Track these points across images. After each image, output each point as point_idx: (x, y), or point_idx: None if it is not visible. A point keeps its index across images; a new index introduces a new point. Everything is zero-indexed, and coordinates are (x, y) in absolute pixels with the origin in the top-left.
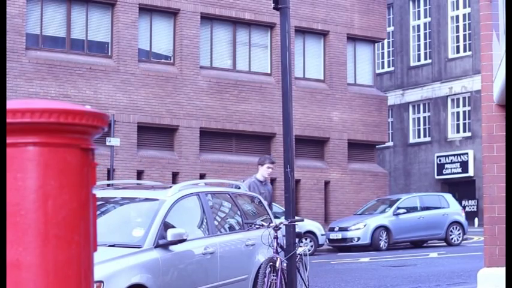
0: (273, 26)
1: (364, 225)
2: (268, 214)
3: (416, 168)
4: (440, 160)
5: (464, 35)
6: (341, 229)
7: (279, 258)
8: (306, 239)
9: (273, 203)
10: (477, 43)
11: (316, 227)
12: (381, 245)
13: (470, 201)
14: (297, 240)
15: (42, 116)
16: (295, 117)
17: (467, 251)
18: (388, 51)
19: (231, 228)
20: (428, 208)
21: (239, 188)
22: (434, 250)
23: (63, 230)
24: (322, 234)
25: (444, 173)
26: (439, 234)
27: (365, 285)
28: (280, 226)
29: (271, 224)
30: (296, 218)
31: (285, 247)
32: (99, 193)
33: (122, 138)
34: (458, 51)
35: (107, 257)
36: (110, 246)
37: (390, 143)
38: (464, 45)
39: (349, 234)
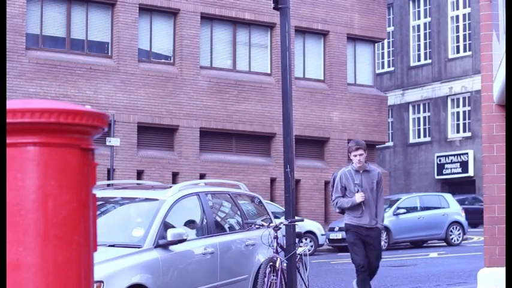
0: (273, 26)
1: None
2: (268, 214)
3: (416, 168)
4: (440, 160)
5: (464, 35)
6: (341, 229)
7: (279, 258)
8: (306, 239)
9: (383, 192)
10: (477, 43)
11: (316, 227)
12: (381, 245)
13: None
14: (297, 240)
15: (42, 116)
16: (295, 117)
17: (467, 251)
18: (388, 51)
19: (231, 228)
20: (428, 208)
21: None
22: (434, 250)
23: (63, 230)
24: (322, 234)
25: (444, 173)
26: (439, 234)
27: None
28: (280, 226)
29: (271, 224)
30: (296, 218)
31: (285, 247)
32: (99, 193)
33: (122, 138)
34: (458, 51)
35: (107, 257)
36: (110, 246)
37: (390, 143)
38: (464, 45)
39: None
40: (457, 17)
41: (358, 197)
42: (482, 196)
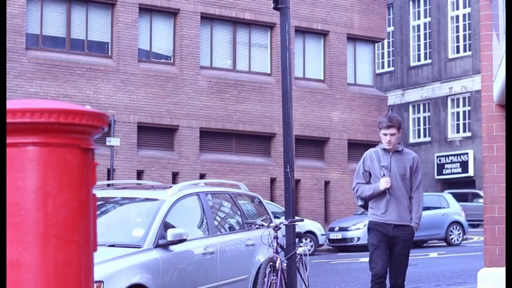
0: (273, 26)
1: (364, 225)
2: (268, 214)
3: None
4: (440, 160)
5: (464, 35)
6: (341, 229)
7: (279, 258)
8: (306, 239)
9: (420, 181)
10: (477, 43)
11: (316, 227)
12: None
13: None
14: (297, 240)
15: (42, 116)
16: (295, 117)
17: (467, 251)
18: (388, 51)
19: (231, 228)
20: (428, 208)
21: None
22: (434, 250)
23: (63, 230)
24: (322, 234)
25: (444, 173)
26: (439, 234)
27: (365, 285)
28: (280, 226)
29: (271, 224)
30: (296, 218)
31: (285, 247)
32: (99, 193)
33: (122, 138)
34: (458, 51)
35: (107, 257)
36: (110, 246)
37: None
38: (464, 45)
39: (349, 234)
40: (457, 17)
41: (383, 183)
42: (483, 196)
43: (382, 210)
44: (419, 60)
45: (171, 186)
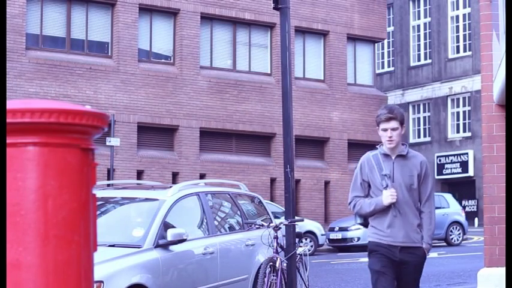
0: (273, 26)
1: None
2: (268, 214)
3: None
4: (440, 160)
5: (464, 35)
6: (341, 229)
7: (279, 258)
8: (306, 239)
9: (432, 191)
10: (477, 43)
11: (316, 227)
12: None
13: (470, 201)
14: (297, 240)
15: (42, 116)
16: (295, 117)
17: (467, 251)
18: (388, 51)
19: (231, 228)
20: None
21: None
22: (434, 250)
23: (63, 230)
24: (322, 234)
25: (444, 173)
26: (439, 234)
27: (365, 285)
28: (280, 226)
29: (271, 224)
30: (296, 218)
31: (285, 247)
32: (99, 193)
33: (122, 138)
34: (458, 51)
35: (107, 257)
36: (110, 246)
37: None
38: (464, 45)
39: (349, 234)
40: (457, 17)
41: (386, 197)
42: (482, 196)
43: (386, 230)
44: (419, 60)
45: (171, 186)
